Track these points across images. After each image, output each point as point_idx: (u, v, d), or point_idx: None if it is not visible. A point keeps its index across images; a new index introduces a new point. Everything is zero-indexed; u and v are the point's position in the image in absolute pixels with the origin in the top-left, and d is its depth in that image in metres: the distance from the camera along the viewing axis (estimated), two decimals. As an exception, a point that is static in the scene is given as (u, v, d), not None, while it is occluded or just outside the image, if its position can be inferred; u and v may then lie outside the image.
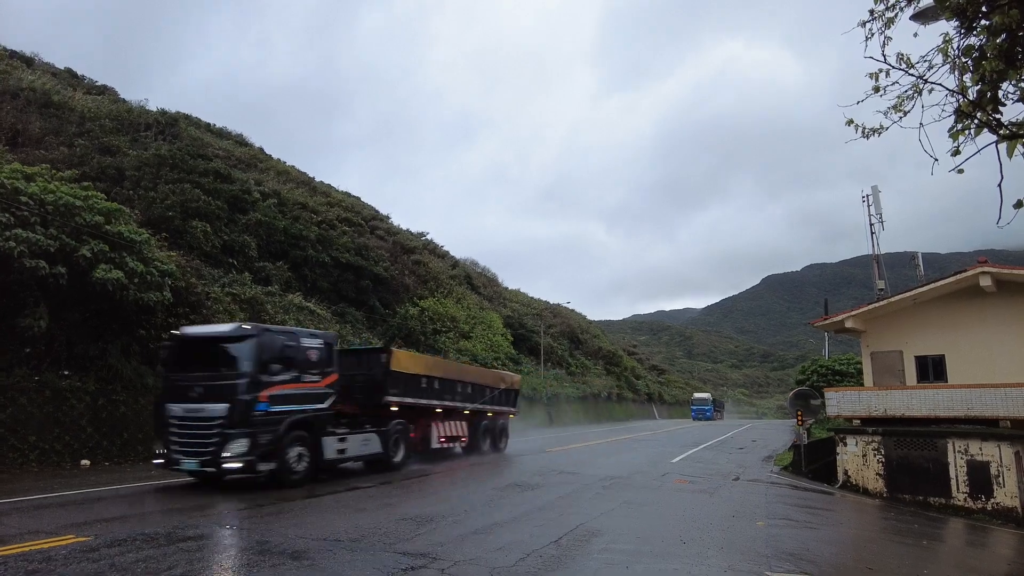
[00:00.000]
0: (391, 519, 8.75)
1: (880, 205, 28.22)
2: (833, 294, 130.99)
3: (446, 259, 58.45)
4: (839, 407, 18.04)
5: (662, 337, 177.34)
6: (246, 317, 22.42)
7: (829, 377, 34.33)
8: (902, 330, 18.93)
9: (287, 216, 33.81)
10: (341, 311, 31.95)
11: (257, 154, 47.21)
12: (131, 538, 7.23)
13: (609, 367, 71.27)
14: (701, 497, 12.32)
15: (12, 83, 28.97)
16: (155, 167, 28.27)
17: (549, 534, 8.08)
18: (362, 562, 6.40)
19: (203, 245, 25.94)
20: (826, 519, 12.12)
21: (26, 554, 6.45)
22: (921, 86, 4.15)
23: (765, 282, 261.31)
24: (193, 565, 6.11)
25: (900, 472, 16.41)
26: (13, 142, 24.55)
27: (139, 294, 16.41)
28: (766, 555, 7.58)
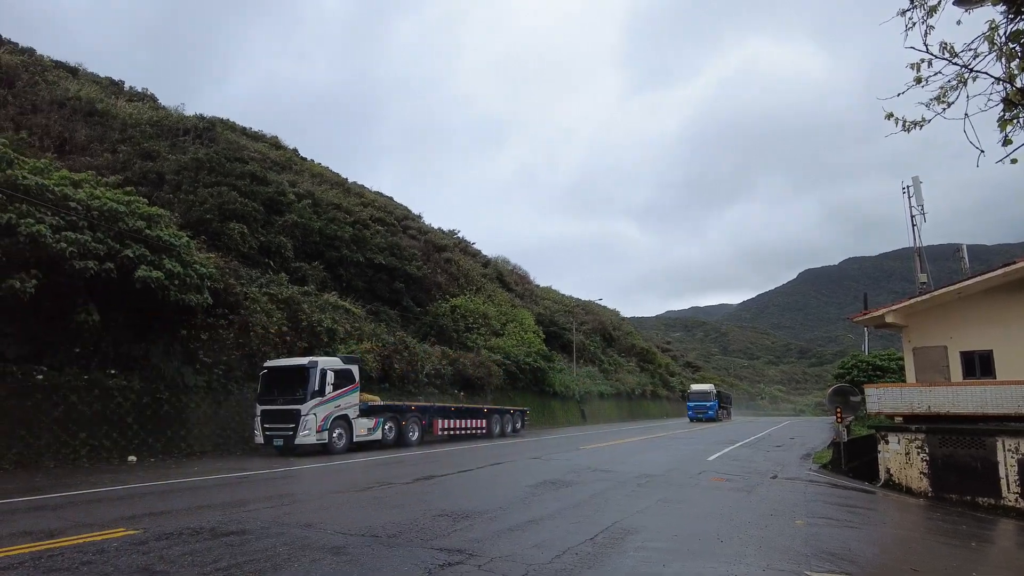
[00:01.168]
0: (428, 515, 8.85)
1: (921, 196, 27.43)
2: (873, 288, 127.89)
3: (477, 257, 58.68)
4: (880, 404, 17.59)
5: (696, 333, 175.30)
6: (283, 317, 22.88)
7: (869, 373, 33.53)
8: (946, 325, 18.37)
9: (322, 217, 34.35)
10: (375, 310, 32.36)
11: (292, 156, 48.03)
12: (178, 532, 7.46)
13: (643, 364, 70.77)
14: (738, 495, 12.17)
15: (59, 93, 29.99)
16: (193, 171, 28.99)
17: (584, 531, 8.08)
18: (399, 557, 6.49)
19: (240, 246, 26.52)
20: (868, 518, 11.85)
21: (80, 546, 6.71)
22: (966, 75, 4.02)
23: (802, 276, 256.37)
24: (236, 559, 6.28)
25: (946, 471, 15.94)
26: (61, 149, 25.45)
27: (180, 295, 16.88)
28: (805, 554, 7.46)
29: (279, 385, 18.72)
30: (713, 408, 52.61)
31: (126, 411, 16.68)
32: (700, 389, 56.00)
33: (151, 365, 17.63)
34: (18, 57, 31.92)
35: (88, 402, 15.86)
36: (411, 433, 22.60)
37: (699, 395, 54.20)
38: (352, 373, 20.12)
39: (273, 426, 18.37)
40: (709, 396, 53.43)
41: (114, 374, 16.65)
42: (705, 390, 55.03)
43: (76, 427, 15.49)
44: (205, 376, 19.26)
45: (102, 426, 16.05)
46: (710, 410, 52.12)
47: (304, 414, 18.13)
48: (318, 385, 18.54)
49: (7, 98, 26.28)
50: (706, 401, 52.89)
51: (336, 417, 19.11)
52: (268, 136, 49.81)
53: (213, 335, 19.59)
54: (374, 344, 26.83)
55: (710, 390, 54.92)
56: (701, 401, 53.13)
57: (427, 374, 29.61)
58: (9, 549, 6.55)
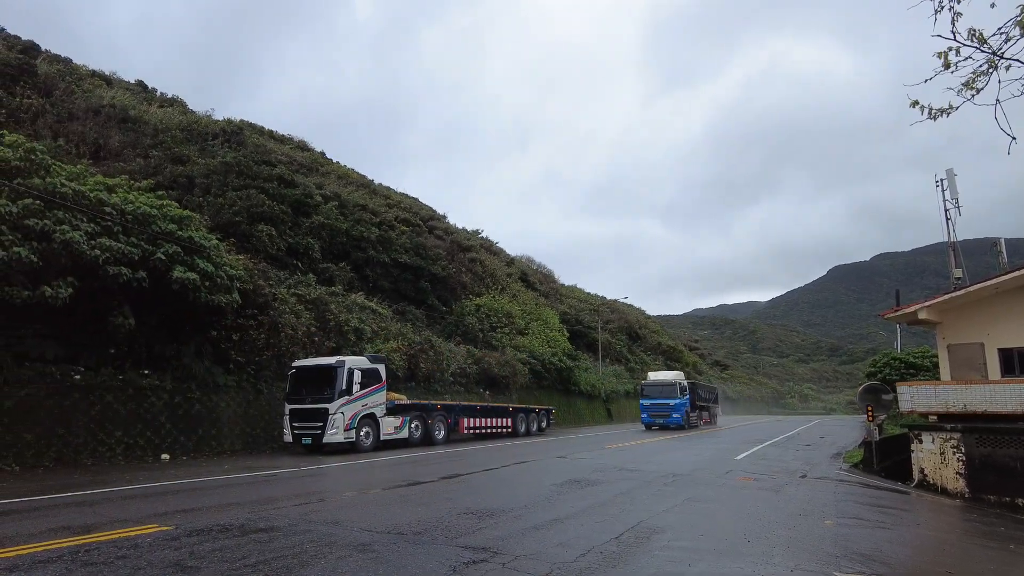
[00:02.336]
0: (453, 513, 8.89)
1: (956, 189, 26.76)
2: (905, 284, 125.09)
3: (501, 256, 58.76)
4: (913, 402, 17.20)
5: (725, 332, 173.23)
6: (311, 317, 23.18)
7: (902, 371, 32.82)
8: (983, 321, 17.88)
9: (348, 218, 34.71)
10: (401, 309, 32.61)
11: (318, 158, 48.61)
12: (208, 528, 7.62)
13: (670, 363, 70.17)
14: (766, 495, 12.00)
15: (94, 101, 30.77)
16: (222, 174, 29.51)
17: (610, 530, 8.05)
18: (425, 555, 6.54)
19: (269, 248, 26.93)
20: (900, 519, 11.59)
21: (115, 541, 6.89)
22: (996, 62, 3.91)
23: (832, 273, 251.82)
24: (264, 555, 6.38)
25: (983, 471, 15.52)
26: (96, 156, 26.11)
27: (210, 296, 17.20)
28: (835, 555, 7.33)
29: (307, 384, 18.99)
30: (681, 409, 35.27)
31: (159, 410, 17.07)
32: (659, 379, 37.57)
33: (183, 365, 18.02)
34: (55, 67, 32.83)
35: (123, 401, 16.26)
36: (437, 432, 22.74)
37: (657, 389, 36.30)
38: (379, 372, 20.34)
39: (302, 425, 18.64)
40: (673, 390, 35.72)
41: (147, 374, 17.05)
42: (667, 381, 36.97)
43: (112, 426, 15.90)
44: (235, 376, 19.62)
45: (136, 425, 16.45)
46: (675, 412, 35.06)
47: (332, 413, 18.37)
48: (345, 384, 18.77)
49: (45, 107, 27.04)
50: (669, 398, 35.43)
51: (363, 416, 19.33)
52: (295, 139, 50.48)
53: (243, 335, 19.93)
54: (400, 343, 27.05)
55: (674, 381, 36.58)
56: (660, 398, 35.61)
57: (453, 373, 29.76)
58: (49, 543, 6.75)
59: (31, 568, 5.82)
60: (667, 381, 36.91)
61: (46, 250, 14.04)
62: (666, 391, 35.94)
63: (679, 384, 36.43)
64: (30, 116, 25.68)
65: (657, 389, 36.29)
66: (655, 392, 36.20)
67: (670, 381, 36.80)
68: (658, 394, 35.96)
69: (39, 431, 14.50)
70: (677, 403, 35.37)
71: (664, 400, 35.54)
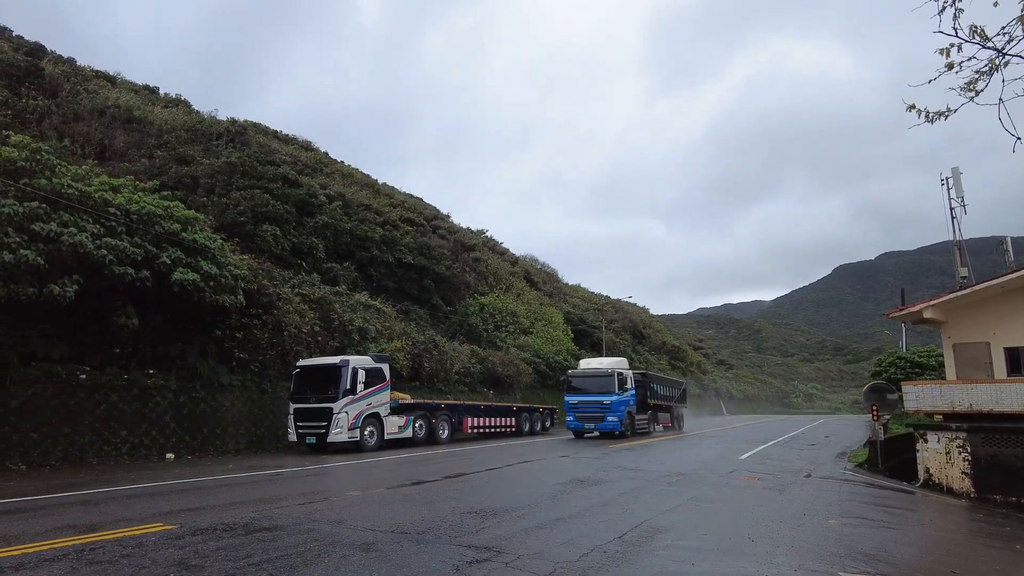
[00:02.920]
0: (456, 512, 8.90)
1: (961, 188, 26.59)
2: (911, 283, 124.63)
3: (506, 256, 58.76)
4: (919, 402, 17.13)
5: (730, 331, 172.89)
6: (315, 316, 23.23)
7: (907, 370, 32.69)
8: (989, 320, 17.80)
9: (352, 218, 34.78)
10: (405, 309, 32.65)
11: (322, 158, 48.70)
12: (212, 527, 7.64)
13: (674, 362, 70.06)
14: (770, 494, 11.98)
15: (99, 102, 30.90)
16: (227, 174, 29.60)
17: (613, 530, 8.05)
18: (428, 554, 6.55)
19: (273, 248, 27.01)
20: (905, 519, 11.55)
21: (120, 540, 6.93)
22: (998, 60, 3.89)
23: (836, 272, 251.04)
24: (268, 554, 6.40)
25: (990, 471, 15.45)
26: (101, 156, 26.23)
27: (214, 296, 17.25)
28: (839, 555, 7.31)
29: (311, 384, 19.03)
30: (620, 409, 25.72)
31: (164, 410, 17.14)
32: (591, 369, 27.84)
33: (187, 365, 18.08)
34: (61, 68, 32.98)
35: (128, 401, 16.33)
36: (441, 431, 22.77)
37: (588, 382, 26.70)
38: (383, 372, 20.38)
39: (306, 424, 18.69)
40: (608, 383, 26.00)
41: (152, 374, 17.12)
42: (600, 371, 27.09)
43: (117, 425, 15.97)
44: (240, 375, 19.68)
45: (141, 424, 16.52)
46: (612, 413, 25.55)
47: (336, 412, 18.41)
48: (350, 384, 18.81)
49: (51, 108, 27.17)
50: (603, 393, 25.83)
51: (367, 415, 19.37)
52: (299, 139, 50.59)
53: (247, 335, 19.99)
54: (404, 343, 27.09)
55: (611, 371, 26.64)
56: (592, 394, 26.06)
57: (457, 372, 29.79)
58: (55, 542, 6.79)
59: (37, 566, 5.86)
60: (601, 371, 26.85)
61: (53, 252, 14.11)
62: (600, 384, 25.96)
63: (618, 375, 26.09)
64: (36, 117, 25.81)
65: (587, 382, 26.55)
66: (585, 385, 26.49)
67: (605, 371, 26.71)
68: (589, 389, 26.18)
69: (45, 430, 14.57)
70: (615, 401, 25.52)
71: (597, 397, 25.69)
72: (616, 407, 25.62)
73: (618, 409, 25.67)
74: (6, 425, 13.96)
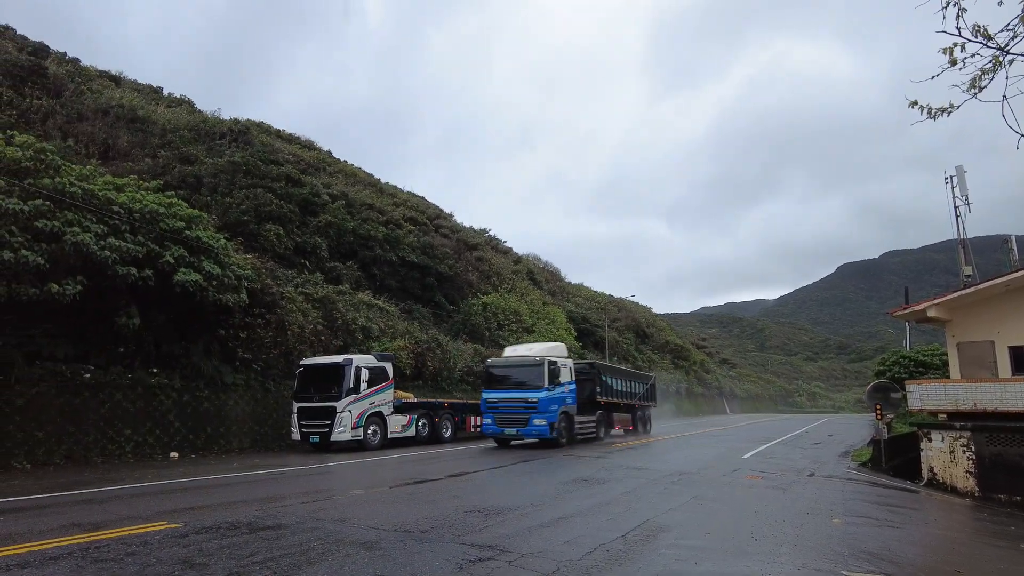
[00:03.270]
0: (459, 511, 8.91)
1: (966, 186, 26.52)
2: (915, 282, 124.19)
3: (508, 255, 58.75)
4: (922, 401, 17.09)
5: (733, 330, 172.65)
6: (319, 316, 23.27)
7: (911, 369, 32.58)
8: (993, 319, 17.75)
9: (355, 217, 34.80)
10: (408, 308, 32.67)
11: (325, 157, 48.71)
12: (216, 526, 7.67)
13: (677, 361, 69.99)
14: (773, 493, 11.97)
15: (103, 101, 30.97)
16: (230, 174, 29.64)
17: (616, 528, 8.05)
18: (432, 553, 6.56)
19: (276, 247, 27.05)
20: (909, 518, 11.53)
21: (125, 538, 6.95)
22: (1002, 58, 3.88)
23: (840, 271, 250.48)
24: (272, 552, 6.42)
25: (994, 470, 15.42)
26: (105, 156, 26.29)
27: (217, 295, 17.30)
28: (843, 554, 7.30)
29: (315, 383, 19.07)
30: (549, 409, 20.35)
31: (168, 409, 17.19)
32: (517, 359, 21.95)
33: (191, 364, 18.13)
34: (65, 68, 33.05)
35: (132, 400, 16.38)
36: (444, 430, 22.79)
37: (512, 374, 21.39)
38: (386, 370, 20.41)
39: (309, 423, 18.74)
40: (536, 375, 20.64)
41: (156, 373, 17.17)
42: (527, 360, 21.36)
43: (121, 424, 16.03)
44: (243, 374, 19.72)
45: (145, 423, 16.57)
46: (539, 414, 20.20)
47: (339, 411, 18.45)
48: (353, 382, 18.85)
49: (55, 108, 27.24)
50: (528, 388, 20.53)
51: (371, 414, 19.41)
52: (302, 138, 50.63)
53: (251, 334, 20.03)
54: (407, 342, 27.11)
55: (538, 361, 20.92)
56: (515, 389, 20.86)
57: (460, 371, 29.80)
58: (60, 540, 6.82)
59: (43, 564, 5.88)
60: (527, 360, 20.94)
61: (56, 251, 14.16)
62: (525, 376, 20.46)
63: (549, 365, 20.37)
64: (40, 117, 25.88)
65: (510, 373, 21.04)
66: (507, 378, 21.02)
67: (532, 359, 20.82)
68: (511, 382, 20.80)
69: (50, 429, 14.63)
70: (544, 398, 19.89)
71: (520, 393, 20.24)
72: (545, 406, 19.92)
73: (547, 409, 19.97)
74: (11, 424, 14.01)
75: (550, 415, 20.17)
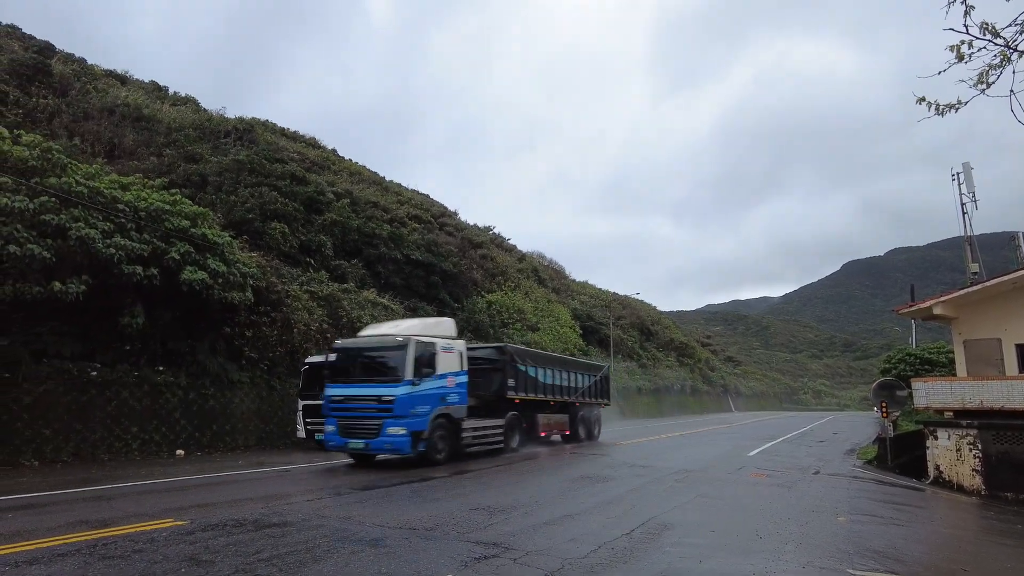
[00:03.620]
0: (464, 509, 8.93)
1: (972, 183, 26.39)
2: (921, 279, 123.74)
3: (513, 253, 58.72)
4: (928, 398, 17.03)
5: (738, 327, 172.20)
6: (324, 314, 23.31)
7: (917, 367, 32.43)
8: (1000, 316, 17.66)
9: (360, 215, 34.83)
10: (413, 306, 32.69)
11: (329, 156, 48.77)
12: (222, 523, 7.70)
13: (682, 359, 69.87)
14: (779, 491, 11.95)
15: (109, 100, 31.06)
16: (235, 172, 29.71)
17: (621, 526, 8.06)
18: (436, 550, 6.58)
19: (281, 245, 27.10)
20: (915, 516, 11.50)
21: (132, 535, 6.99)
22: (1009, 54, 3.86)
23: (846, 268, 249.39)
24: (278, 550, 6.45)
25: (1001, 468, 15.35)
26: (110, 155, 26.38)
27: (223, 293, 17.35)
28: (848, 552, 7.29)
29: (320, 380, 19.05)
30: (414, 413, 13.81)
31: (174, 406, 17.26)
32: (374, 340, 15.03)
33: (197, 362, 18.18)
34: (70, 67, 33.16)
35: (138, 398, 16.45)
36: None
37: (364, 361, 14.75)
38: None
39: (313, 420, 18.75)
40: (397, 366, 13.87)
41: (162, 371, 17.24)
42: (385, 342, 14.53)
43: (128, 422, 16.10)
44: (249, 372, 19.78)
45: (152, 420, 16.64)
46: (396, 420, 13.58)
47: None
48: None
49: (61, 107, 27.33)
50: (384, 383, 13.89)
51: None
52: (306, 137, 50.67)
53: (256, 332, 20.09)
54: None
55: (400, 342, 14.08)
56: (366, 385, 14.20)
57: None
58: (68, 537, 6.86)
59: (50, 561, 5.92)
60: (386, 341, 14.72)
61: (61, 247, 14.23)
62: (381, 364, 14.54)
63: (417, 348, 14.22)
64: (46, 116, 25.98)
65: (363, 360, 14.93)
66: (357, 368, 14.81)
67: (393, 341, 14.52)
68: (362, 373, 14.66)
69: (57, 427, 14.71)
70: (403, 397, 13.76)
71: (371, 390, 14.15)
72: (405, 407, 13.60)
73: (409, 411, 13.67)
74: (19, 422, 14.09)
75: (414, 420, 13.66)
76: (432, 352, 14.59)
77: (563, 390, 21.35)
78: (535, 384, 19.50)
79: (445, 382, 14.87)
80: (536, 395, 19.46)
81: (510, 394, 18.02)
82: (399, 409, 13.64)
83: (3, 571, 5.58)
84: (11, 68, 27.31)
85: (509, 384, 18.00)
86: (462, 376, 15.62)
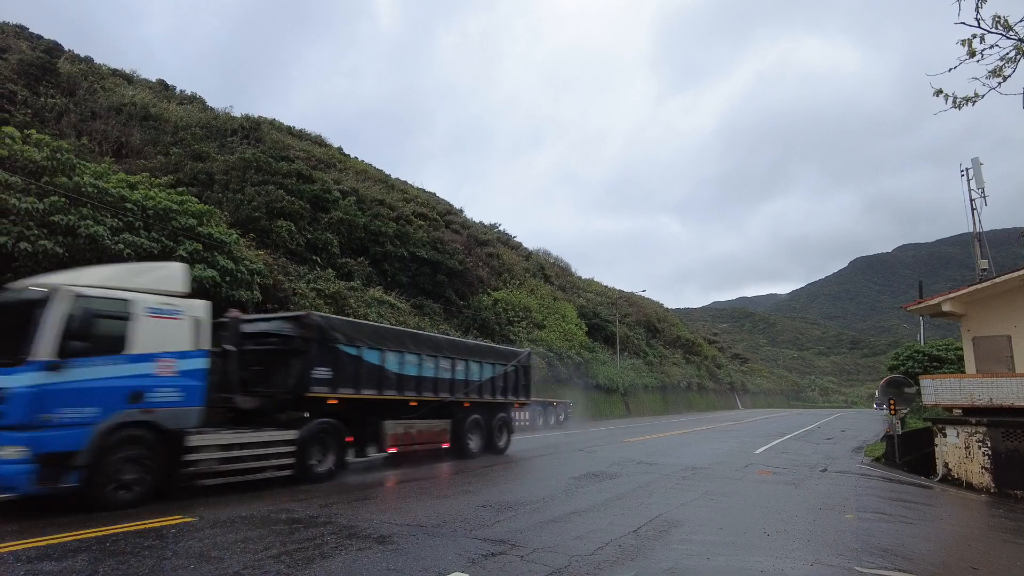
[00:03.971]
0: (471, 506, 8.95)
1: (982, 178, 26.17)
2: (929, 276, 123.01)
3: (519, 250, 58.67)
4: (937, 396, 16.95)
5: (745, 324, 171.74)
6: (330, 311, 23.37)
7: (925, 364, 32.29)
8: (1010, 313, 17.55)
9: (366, 213, 34.89)
10: (419, 304, 32.74)
11: (335, 154, 48.83)
12: (231, 520, 7.74)
13: (688, 356, 69.69)
14: (786, 488, 11.92)
15: (116, 99, 31.20)
16: (241, 171, 29.79)
17: (628, 523, 8.06)
18: (444, 547, 6.60)
19: (288, 243, 27.16)
20: (923, 514, 11.45)
21: (141, 531, 7.04)
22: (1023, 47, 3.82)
23: (853, 265, 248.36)
24: (286, 546, 6.48)
25: (1010, 466, 15.27)
26: (118, 154, 26.49)
27: (231, 291, 17.42)
28: (856, 549, 7.27)
29: None
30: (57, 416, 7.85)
31: (183, 404, 17.30)
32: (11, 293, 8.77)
33: (205, 360, 18.24)
34: (78, 66, 33.31)
35: (147, 395, 16.51)
36: None
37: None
38: None
39: None
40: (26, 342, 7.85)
41: (171, 368, 17.30)
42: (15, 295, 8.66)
43: (137, 419, 16.16)
44: (256, 370, 19.82)
45: (161, 418, 16.70)
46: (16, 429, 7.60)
47: None
48: None
49: (69, 106, 27.47)
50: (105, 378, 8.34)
51: None
52: (312, 135, 50.74)
53: (263, 330, 20.11)
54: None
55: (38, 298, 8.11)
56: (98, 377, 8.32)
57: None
58: (78, 533, 6.91)
59: (62, 556, 5.97)
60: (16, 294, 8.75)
61: (71, 245, 14.33)
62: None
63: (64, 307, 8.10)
64: (54, 115, 26.12)
65: None
66: None
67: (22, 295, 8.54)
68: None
69: (67, 424, 14.76)
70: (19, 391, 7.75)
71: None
72: (25, 408, 7.79)
73: (32, 417, 7.79)
74: (29, 419, 14.17)
75: (50, 434, 7.93)
76: (114, 314, 8.90)
77: (438, 384, 14.98)
78: (377, 375, 13.16)
79: (149, 368, 9.15)
80: (378, 392, 13.15)
81: (318, 390, 11.69)
82: (15, 413, 7.81)
83: (14, 567, 5.63)
84: (19, 68, 27.47)
85: (316, 375, 11.69)
86: (193, 359, 9.84)
